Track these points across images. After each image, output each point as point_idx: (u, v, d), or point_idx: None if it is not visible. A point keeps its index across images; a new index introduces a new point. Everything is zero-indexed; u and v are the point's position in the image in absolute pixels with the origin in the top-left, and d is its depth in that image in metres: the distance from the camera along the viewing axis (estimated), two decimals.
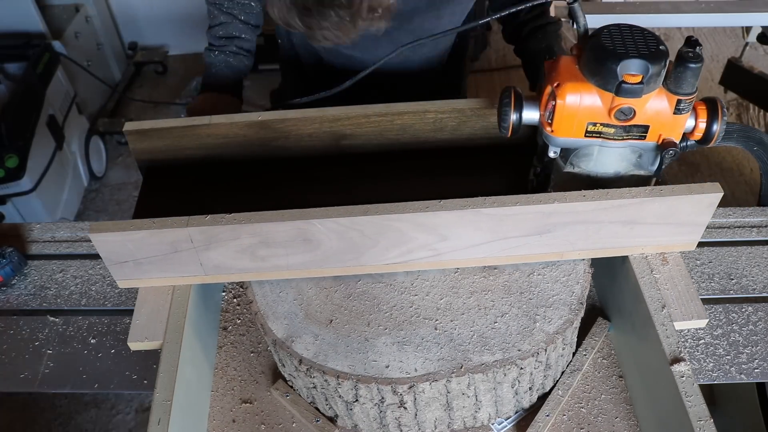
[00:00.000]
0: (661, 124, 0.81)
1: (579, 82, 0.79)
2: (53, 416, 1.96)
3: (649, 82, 0.76)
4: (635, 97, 0.77)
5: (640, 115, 0.79)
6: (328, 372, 0.85)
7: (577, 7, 0.82)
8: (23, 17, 2.57)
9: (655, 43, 0.77)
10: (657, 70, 0.76)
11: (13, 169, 2.17)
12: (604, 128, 0.81)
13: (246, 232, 0.85)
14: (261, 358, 1.03)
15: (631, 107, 0.78)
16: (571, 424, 0.93)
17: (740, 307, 1.06)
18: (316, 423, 0.93)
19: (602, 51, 0.77)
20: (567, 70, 0.81)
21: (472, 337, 0.87)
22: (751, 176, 2.60)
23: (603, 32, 0.79)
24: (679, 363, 0.81)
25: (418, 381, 0.83)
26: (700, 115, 0.83)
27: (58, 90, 2.55)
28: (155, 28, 3.37)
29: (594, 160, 0.87)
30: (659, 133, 0.81)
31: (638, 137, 0.82)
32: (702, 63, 0.76)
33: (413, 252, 0.89)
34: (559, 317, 0.89)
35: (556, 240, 0.89)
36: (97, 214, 2.66)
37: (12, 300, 1.15)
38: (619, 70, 0.75)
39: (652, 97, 0.79)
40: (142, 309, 0.92)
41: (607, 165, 0.88)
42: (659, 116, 0.80)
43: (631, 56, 0.75)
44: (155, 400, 0.81)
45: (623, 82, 0.75)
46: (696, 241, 0.93)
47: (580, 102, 0.79)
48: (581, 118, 0.81)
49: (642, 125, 0.81)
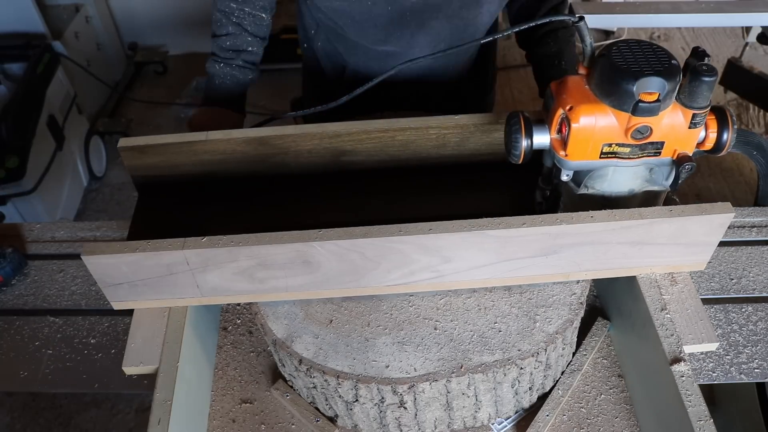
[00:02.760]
0: (676, 140, 0.79)
1: (592, 103, 0.77)
2: (53, 416, 1.96)
3: (666, 98, 0.75)
4: (652, 115, 0.75)
5: (656, 132, 0.78)
6: (328, 372, 0.85)
7: (584, 26, 0.80)
8: (23, 18, 2.57)
9: (668, 58, 0.76)
10: (672, 87, 0.74)
11: (14, 169, 2.18)
12: (620, 148, 0.79)
13: (244, 254, 0.82)
14: (261, 358, 1.03)
15: (648, 126, 0.76)
16: (571, 424, 0.93)
17: (740, 307, 1.06)
18: (316, 423, 0.93)
19: (616, 70, 0.75)
20: (578, 92, 0.79)
21: (472, 337, 0.87)
22: (751, 176, 2.60)
23: (613, 50, 0.77)
24: (679, 363, 0.81)
25: (418, 381, 0.83)
26: (710, 125, 0.81)
27: (59, 90, 2.55)
28: (155, 28, 3.38)
29: (609, 180, 0.85)
30: (674, 148, 0.80)
31: (654, 154, 0.81)
32: (716, 75, 0.75)
33: (415, 274, 0.86)
34: (559, 317, 0.89)
35: (563, 261, 0.87)
36: (97, 214, 2.66)
37: (12, 300, 1.15)
38: (636, 89, 0.73)
39: (667, 113, 0.77)
40: (137, 332, 0.89)
41: (622, 184, 0.86)
42: (675, 132, 0.78)
43: (647, 74, 0.73)
44: (155, 400, 0.81)
45: (640, 101, 0.74)
46: (706, 260, 0.91)
47: (595, 124, 0.77)
48: (597, 140, 0.79)
49: (657, 142, 0.79)
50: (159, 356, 0.86)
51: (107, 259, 0.83)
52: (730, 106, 2.92)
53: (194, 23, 3.34)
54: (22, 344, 1.08)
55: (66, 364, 1.05)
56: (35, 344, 1.07)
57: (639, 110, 0.74)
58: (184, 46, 3.44)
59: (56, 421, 1.95)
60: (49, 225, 1.28)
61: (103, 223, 1.28)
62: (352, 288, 0.88)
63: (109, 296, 0.89)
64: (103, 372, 1.03)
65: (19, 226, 1.27)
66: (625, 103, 0.75)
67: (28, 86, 2.37)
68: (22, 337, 1.08)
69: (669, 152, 0.80)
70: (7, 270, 1.16)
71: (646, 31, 3.43)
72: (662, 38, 3.40)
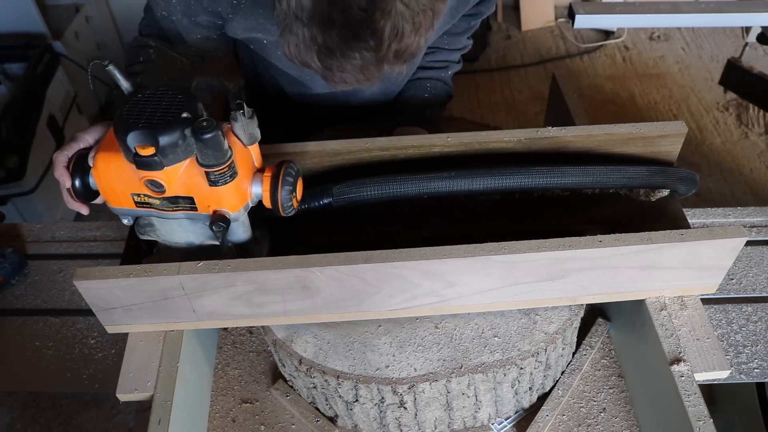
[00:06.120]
0: (204, 196, 0.75)
1: (112, 151, 0.74)
2: (53, 416, 1.96)
3: (167, 153, 0.71)
4: (155, 169, 0.71)
5: (175, 187, 0.74)
6: (328, 372, 0.85)
7: (113, 69, 0.77)
8: (23, 18, 2.56)
9: (179, 110, 0.72)
10: (170, 141, 0.70)
11: (14, 169, 2.17)
12: (150, 199, 0.76)
13: (241, 279, 0.80)
14: (261, 358, 1.03)
15: (158, 180, 0.73)
16: (571, 424, 0.93)
17: (740, 307, 1.06)
18: (316, 423, 0.93)
19: (118, 121, 0.72)
20: (110, 138, 0.76)
21: (472, 336, 0.87)
22: (751, 176, 2.60)
23: (135, 98, 0.74)
24: (679, 363, 0.81)
25: (418, 381, 0.83)
26: (264, 182, 0.78)
27: (59, 90, 2.55)
28: None
29: (158, 229, 0.83)
30: (207, 204, 0.76)
31: (189, 208, 0.77)
32: (215, 132, 0.70)
33: (418, 298, 0.84)
34: (559, 317, 0.89)
35: (570, 285, 0.85)
36: (97, 214, 2.65)
37: (12, 300, 1.15)
38: (129, 142, 0.71)
39: (183, 167, 0.73)
40: (131, 357, 0.87)
41: (175, 235, 0.83)
42: (198, 188, 0.75)
43: (140, 127, 0.70)
44: (155, 401, 0.81)
45: (136, 154, 0.70)
46: (717, 284, 0.89)
47: (111, 172, 0.74)
48: (121, 188, 0.76)
49: (186, 197, 0.76)
50: (154, 383, 0.83)
51: (100, 284, 0.81)
52: (730, 106, 2.91)
53: None
54: (22, 344, 1.08)
55: (66, 364, 1.05)
56: (35, 344, 1.08)
57: (138, 164, 0.71)
58: None
59: (56, 421, 1.95)
60: (49, 225, 1.28)
61: (103, 223, 1.28)
62: (352, 312, 0.86)
63: (103, 320, 0.87)
64: (103, 372, 1.03)
65: (19, 226, 1.27)
66: (128, 155, 0.72)
67: (28, 86, 2.36)
68: (22, 337, 1.09)
69: (204, 208, 0.77)
70: (7, 270, 1.16)
71: (646, 31, 3.43)
72: (662, 38, 3.40)
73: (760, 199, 2.50)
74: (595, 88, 3.09)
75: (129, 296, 0.83)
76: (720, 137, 2.79)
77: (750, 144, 2.75)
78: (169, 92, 0.75)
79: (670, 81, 3.11)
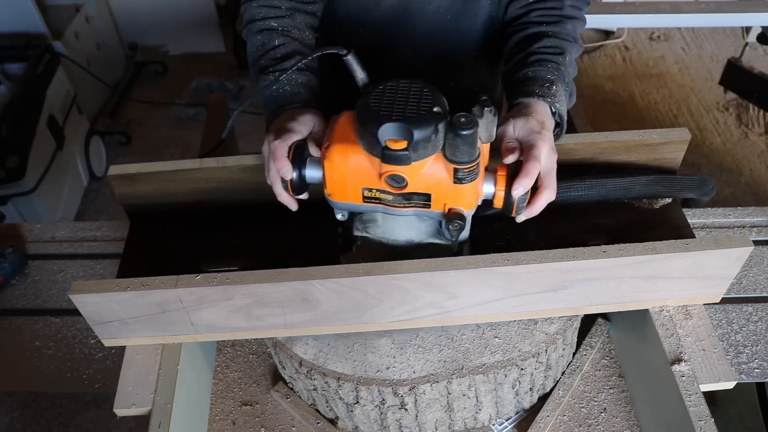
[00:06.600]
0: (443, 194, 0.73)
1: (349, 143, 0.72)
2: (53, 416, 1.96)
3: (418, 148, 0.68)
4: (403, 164, 0.69)
5: (416, 183, 0.71)
6: (329, 374, 0.84)
7: (351, 59, 0.75)
8: (23, 18, 2.57)
9: (430, 104, 0.69)
10: (425, 135, 0.67)
11: (14, 169, 2.18)
12: (382, 194, 0.74)
13: (240, 292, 0.79)
14: (261, 360, 1.02)
15: (401, 175, 0.70)
16: (572, 425, 0.93)
17: (740, 307, 1.06)
18: (317, 425, 0.93)
19: (364, 112, 0.69)
20: (342, 129, 0.74)
21: (473, 338, 0.87)
22: (751, 176, 2.60)
23: (377, 89, 0.71)
24: (680, 363, 0.81)
25: (418, 382, 0.83)
26: (499, 182, 0.75)
27: (59, 90, 2.55)
28: (155, 28, 3.37)
29: (380, 226, 0.81)
30: (443, 202, 0.73)
31: (422, 206, 0.74)
32: (474, 129, 0.66)
33: (419, 310, 0.83)
34: (559, 318, 0.89)
35: (573, 296, 0.84)
36: (97, 214, 2.66)
37: (12, 300, 1.15)
38: (380, 135, 0.68)
39: (427, 163, 0.71)
40: (128, 371, 0.86)
41: (396, 232, 0.81)
42: (439, 185, 0.72)
43: (393, 119, 0.67)
44: (155, 404, 0.81)
45: (386, 148, 0.68)
46: (722, 293, 0.88)
47: (347, 165, 0.72)
48: (353, 182, 0.73)
49: (422, 193, 0.73)
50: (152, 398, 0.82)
51: (96, 298, 0.80)
52: (730, 106, 2.92)
53: (194, 23, 3.33)
54: (22, 344, 1.08)
55: (66, 364, 1.05)
56: (35, 344, 1.07)
57: (386, 157, 0.68)
58: (184, 46, 3.44)
59: (56, 421, 1.95)
60: (49, 225, 1.28)
61: (103, 223, 1.28)
62: (353, 324, 0.85)
63: (100, 334, 0.86)
64: (103, 372, 1.03)
65: (19, 226, 1.27)
66: (374, 148, 0.69)
67: (28, 86, 2.37)
68: (22, 337, 1.08)
69: (439, 206, 0.74)
70: (7, 270, 1.16)
71: (646, 31, 3.43)
72: (662, 38, 3.40)
73: (760, 199, 2.50)
74: (595, 88, 3.09)
75: (126, 310, 0.82)
76: (720, 137, 2.79)
77: (750, 144, 2.75)
78: (412, 85, 0.71)
79: (670, 81, 3.11)
